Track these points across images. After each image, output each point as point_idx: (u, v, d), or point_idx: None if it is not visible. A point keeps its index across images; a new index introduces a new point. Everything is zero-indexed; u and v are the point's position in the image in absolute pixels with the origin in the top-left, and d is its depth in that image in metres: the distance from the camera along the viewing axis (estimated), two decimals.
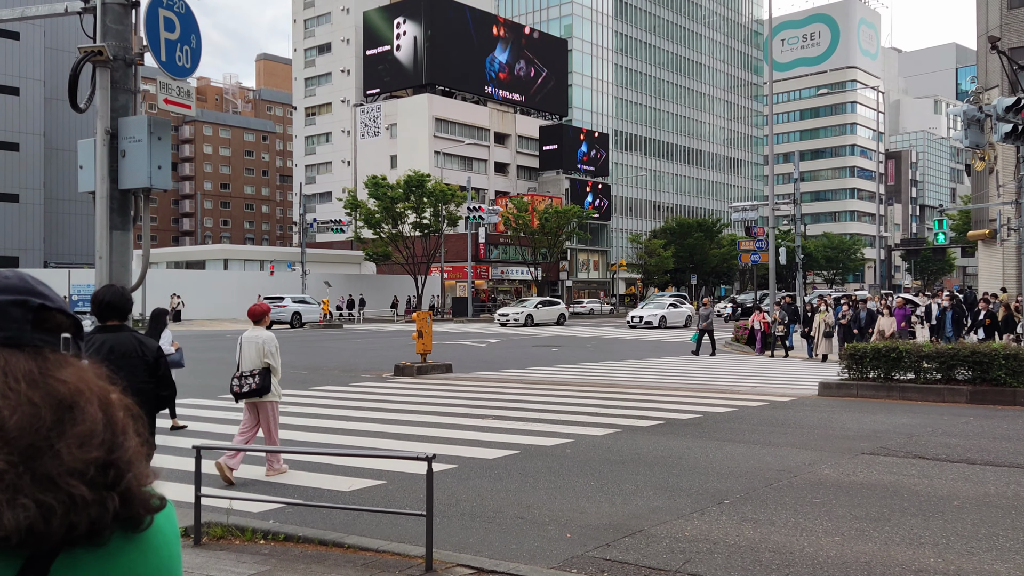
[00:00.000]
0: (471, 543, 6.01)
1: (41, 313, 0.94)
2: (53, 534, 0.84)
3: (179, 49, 5.99)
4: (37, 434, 0.86)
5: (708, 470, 8.39)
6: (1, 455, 0.84)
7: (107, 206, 5.92)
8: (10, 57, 67.05)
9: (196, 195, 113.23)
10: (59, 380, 0.91)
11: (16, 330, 0.92)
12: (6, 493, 0.83)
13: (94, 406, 0.92)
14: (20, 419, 0.86)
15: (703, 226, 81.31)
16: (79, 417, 0.90)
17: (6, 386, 0.87)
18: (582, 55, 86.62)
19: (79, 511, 0.86)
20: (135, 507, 0.92)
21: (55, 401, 0.89)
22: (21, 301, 0.93)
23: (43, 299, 0.95)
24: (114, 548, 0.91)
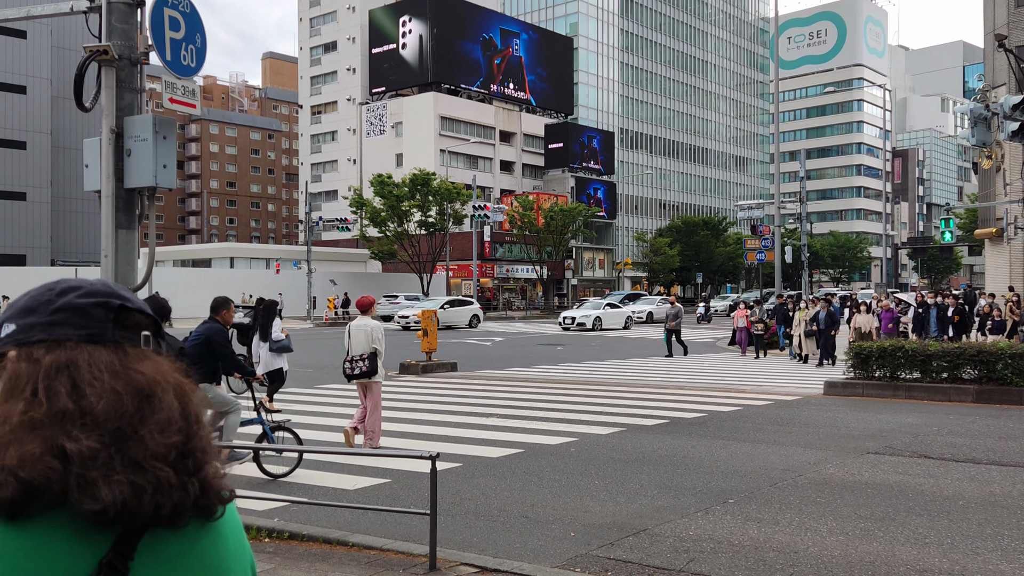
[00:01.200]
0: (475, 542, 6.02)
1: (121, 313, 1.02)
2: (144, 512, 0.91)
3: (184, 48, 6.00)
4: (122, 419, 0.94)
5: (712, 469, 8.38)
6: (93, 436, 0.91)
7: (113, 205, 5.94)
8: (17, 56, 67.28)
9: (202, 193, 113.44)
10: (138, 372, 0.99)
11: (99, 328, 1.00)
12: (101, 470, 0.90)
13: (170, 396, 0.99)
14: (106, 405, 0.94)
15: (709, 224, 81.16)
16: (157, 405, 0.97)
17: (91, 376, 0.95)
18: (588, 53, 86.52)
19: (165, 493, 0.92)
20: (211, 497, 0.98)
21: (135, 390, 0.97)
22: (103, 303, 1.01)
23: (123, 300, 1.03)
24: (191, 533, 0.97)
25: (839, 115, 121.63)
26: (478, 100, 75.19)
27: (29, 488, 0.89)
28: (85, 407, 0.94)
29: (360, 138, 76.21)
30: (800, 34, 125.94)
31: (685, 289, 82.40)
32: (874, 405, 13.02)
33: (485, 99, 75.78)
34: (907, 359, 14.00)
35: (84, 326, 1.00)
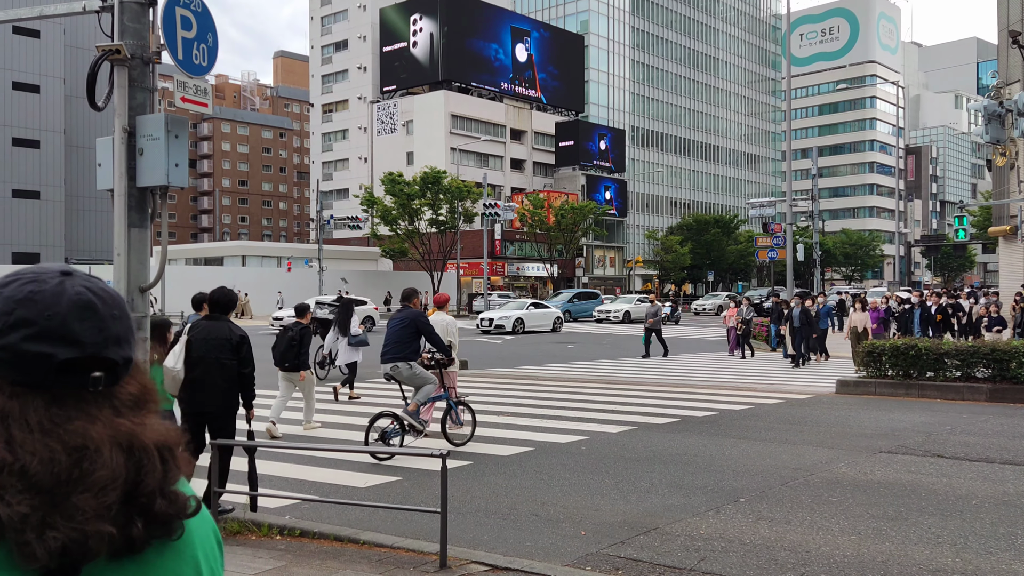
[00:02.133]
0: (485, 540, 6.02)
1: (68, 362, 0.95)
2: (85, 559, 0.90)
3: (196, 47, 6.02)
4: (56, 482, 0.90)
5: (724, 468, 8.36)
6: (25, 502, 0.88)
7: (125, 204, 5.97)
8: (30, 55, 67.69)
9: (214, 192, 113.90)
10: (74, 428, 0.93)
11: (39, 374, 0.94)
12: (35, 532, 0.87)
13: (112, 449, 0.94)
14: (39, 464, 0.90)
15: (720, 222, 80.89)
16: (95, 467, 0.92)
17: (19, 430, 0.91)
18: (599, 51, 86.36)
19: (105, 542, 0.90)
20: (168, 523, 0.96)
21: (71, 448, 0.92)
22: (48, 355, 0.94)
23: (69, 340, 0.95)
24: (150, 554, 0.96)
25: (852, 112, 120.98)
26: (489, 98, 75.17)
27: None
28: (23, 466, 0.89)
29: (371, 136, 76.34)
30: (812, 31, 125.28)
31: (697, 287, 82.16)
32: (886, 404, 12.96)
33: (496, 97, 75.75)
34: (920, 358, 13.92)
35: (22, 372, 0.94)
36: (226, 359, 6.37)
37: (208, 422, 6.43)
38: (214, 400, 6.38)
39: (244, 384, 6.47)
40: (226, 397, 6.43)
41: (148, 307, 6.22)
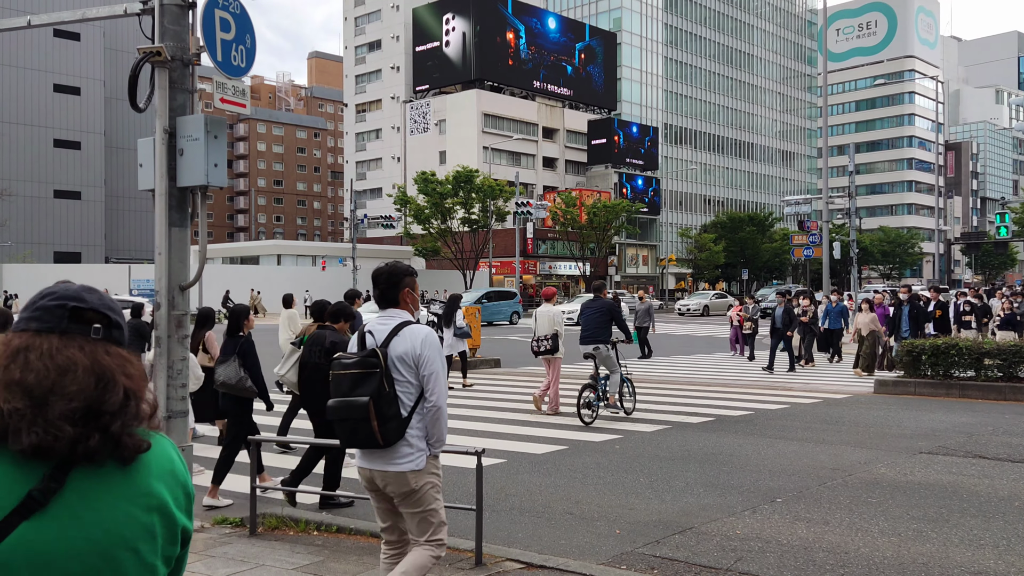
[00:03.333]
0: (520, 538, 6.03)
1: (75, 312, 1.39)
2: (54, 453, 1.29)
3: (234, 49, 6.10)
4: (42, 389, 1.32)
5: (760, 468, 8.28)
6: (21, 400, 1.30)
7: (166, 203, 6.07)
8: (71, 58, 69.00)
9: (250, 192, 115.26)
10: (66, 355, 1.35)
11: (55, 323, 1.38)
12: (24, 423, 1.29)
13: (85, 372, 1.34)
14: (35, 378, 1.33)
15: (755, 220, 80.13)
16: (71, 380, 1.33)
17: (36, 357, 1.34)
18: (631, 48, 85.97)
19: (67, 441, 1.29)
20: (121, 447, 1.34)
21: (58, 367, 1.34)
22: (61, 305, 1.40)
23: (78, 303, 1.40)
24: (110, 470, 1.35)
25: (889, 108, 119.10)
26: (521, 97, 75.18)
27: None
28: (23, 379, 1.32)
29: (404, 136, 76.74)
30: (849, 26, 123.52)
31: (731, 285, 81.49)
32: (927, 404, 12.75)
33: (528, 95, 75.74)
34: (960, 357, 13.68)
35: (46, 320, 1.39)
36: (323, 363, 6.64)
37: (322, 420, 6.78)
38: (318, 400, 6.67)
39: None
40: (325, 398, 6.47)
41: (189, 305, 6.31)
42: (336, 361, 3.83)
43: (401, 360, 3.68)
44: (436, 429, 3.74)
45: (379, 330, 3.80)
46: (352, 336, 4.71)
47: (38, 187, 67.43)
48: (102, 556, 1.33)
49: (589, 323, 11.27)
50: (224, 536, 5.80)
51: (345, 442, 3.78)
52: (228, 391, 7.11)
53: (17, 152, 65.79)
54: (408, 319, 3.83)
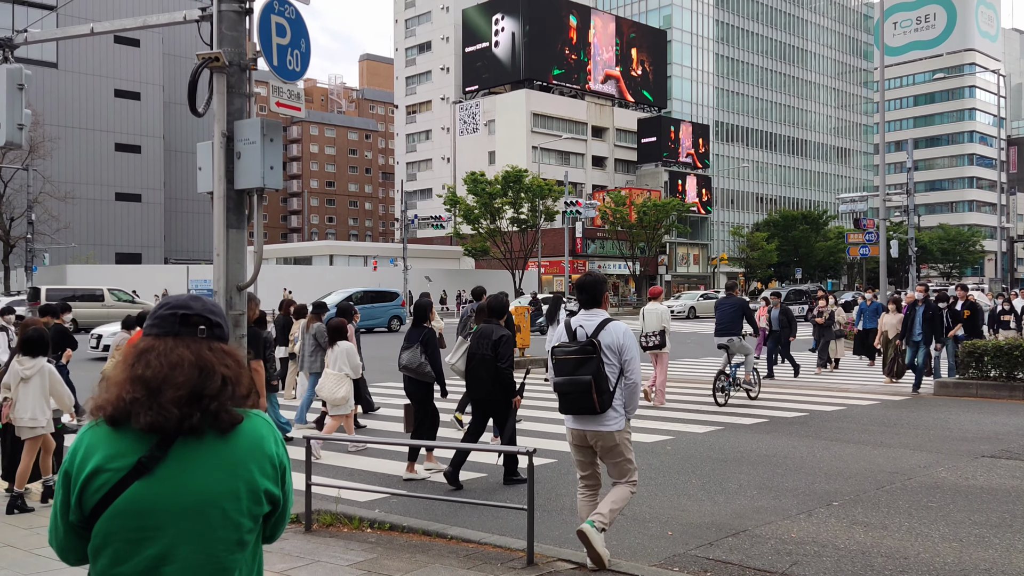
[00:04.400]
0: (571, 538, 6.02)
1: (184, 318, 1.80)
2: (164, 429, 1.72)
3: (290, 53, 6.21)
4: (156, 380, 1.72)
5: (815, 470, 8.15)
6: (140, 391, 1.72)
7: (224, 206, 6.20)
8: (132, 64, 70.79)
9: (303, 193, 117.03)
10: (176, 353, 1.76)
11: (169, 328, 1.80)
12: (142, 408, 1.71)
13: (191, 366, 1.74)
14: (153, 373, 1.73)
15: (808, 218, 78.77)
16: (179, 372, 1.73)
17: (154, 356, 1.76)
18: (682, 45, 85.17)
19: (174, 421, 1.71)
20: (218, 420, 1.74)
21: (170, 363, 1.74)
22: (172, 314, 1.81)
23: (186, 310, 1.81)
24: (208, 442, 1.75)
25: (949, 103, 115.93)
26: (570, 96, 75.01)
27: (113, 416, 1.74)
28: (144, 374, 1.73)
29: (454, 137, 77.15)
30: (907, 19, 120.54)
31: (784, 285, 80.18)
32: (989, 406, 12.39)
33: (577, 95, 75.54)
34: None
35: (163, 327, 1.80)
36: (488, 354, 7.42)
37: (483, 408, 7.67)
38: (482, 389, 7.55)
39: (501, 376, 7.45)
40: (491, 387, 7.52)
41: (245, 305, 6.44)
42: (558, 348, 4.96)
43: (608, 348, 4.86)
44: (632, 400, 5.00)
45: (587, 324, 4.95)
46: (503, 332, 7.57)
47: (100, 190, 69.34)
48: (193, 511, 1.72)
49: (724, 317, 12.72)
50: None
51: (567, 409, 4.93)
52: (409, 374, 8.05)
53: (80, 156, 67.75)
54: (608, 317, 4.99)
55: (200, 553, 1.71)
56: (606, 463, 5.09)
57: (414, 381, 8.07)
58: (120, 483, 1.69)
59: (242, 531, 1.75)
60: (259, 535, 1.82)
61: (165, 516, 1.70)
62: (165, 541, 1.70)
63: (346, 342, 9.41)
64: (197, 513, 1.71)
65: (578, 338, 4.94)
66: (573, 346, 4.90)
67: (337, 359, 9.20)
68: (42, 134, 51.08)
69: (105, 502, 1.70)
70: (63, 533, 1.78)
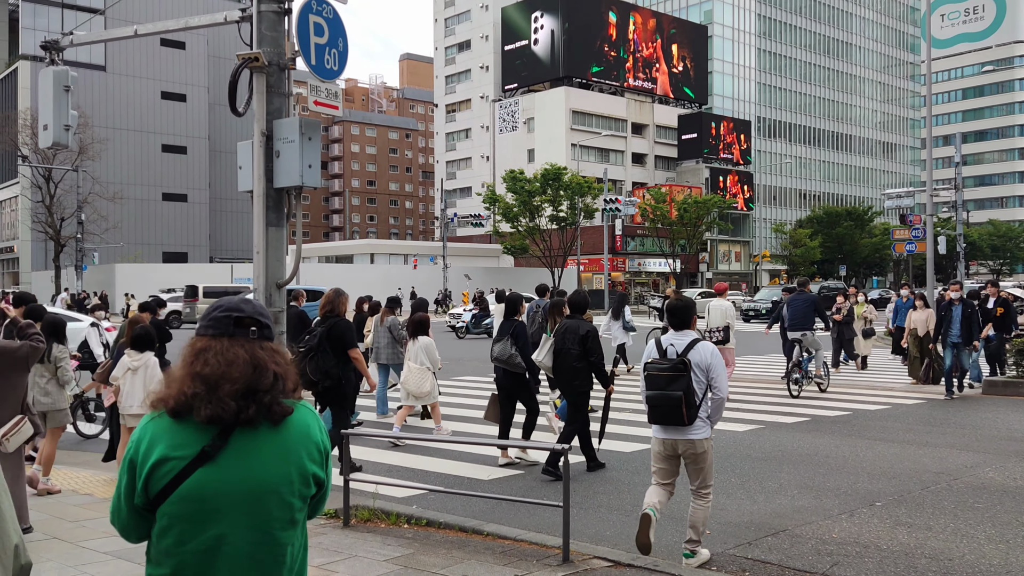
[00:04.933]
0: (608, 536, 6.01)
1: (238, 320, 1.98)
2: (222, 421, 1.91)
3: (328, 52, 6.27)
4: (215, 377, 1.91)
5: (857, 470, 8.01)
6: (201, 386, 1.91)
7: (264, 204, 6.29)
8: (177, 66, 72.11)
9: (344, 192, 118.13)
10: (232, 352, 1.94)
11: (224, 329, 1.98)
12: (203, 402, 1.90)
13: (243, 364, 1.93)
14: (211, 370, 1.92)
15: (853, 214, 77.43)
16: (235, 369, 1.92)
17: (212, 355, 1.94)
18: (723, 41, 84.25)
19: (232, 413, 1.90)
20: (271, 413, 1.93)
21: (227, 361, 1.93)
22: (226, 316, 1.99)
23: (239, 313, 1.98)
24: (263, 432, 1.94)
25: (998, 96, 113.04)
26: (609, 93, 74.66)
27: (176, 409, 1.92)
28: (203, 371, 1.92)
29: (493, 135, 77.26)
30: (955, 11, 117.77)
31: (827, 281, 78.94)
32: None
33: (617, 92, 75.15)
34: None
35: (218, 328, 1.99)
36: (575, 349, 7.73)
37: (574, 400, 7.92)
38: (570, 382, 7.83)
39: (594, 369, 7.77)
40: (575, 380, 7.82)
41: (285, 302, 6.53)
42: (651, 364, 5.38)
43: (697, 365, 5.27)
44: (717, 413, 5.38)
45: (678, 343, 5.39)
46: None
47: (147, 190, 70.75)
48: (252, 494, 1.91)
49: (796, 313, 13.31)
50: (319, 527, 5.97)
51: (658, 420, 5.35)
52: (501, 365, 8.42)
53: (128, 157, 69.18)
54: (697, 337, 5.43)
55: (258, 531, 1.91)
56: (690, 469, 5.42)
57: (506, 372, 8.45)
58: (185, 470, 1.88)
59: (294, 511, 1.96)
60: (306, 514, 2.04)
61: (227, 499, 1.89)
62: (227, 522, 1.90)
63: (426, 337, 9.89)
64: (256, 496, 1.91)
65: (668, 356, 5.37)
66: (665, 363, 5.31)
67: (418, 353, 9.70)
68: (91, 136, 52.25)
69: (171, 487, 1.89)
70: (126, 515, 1.97)
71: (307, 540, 2.06)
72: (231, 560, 1.90)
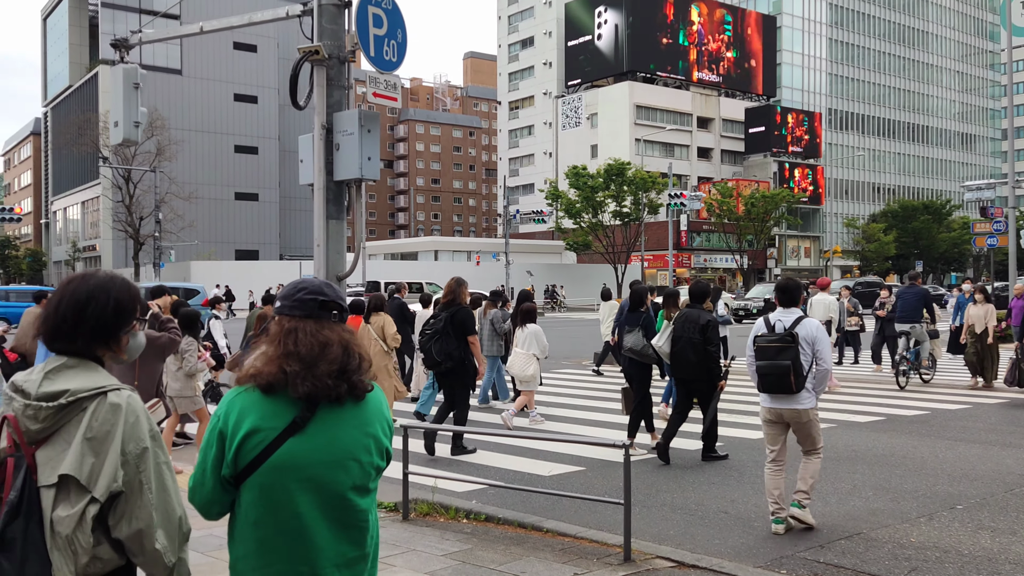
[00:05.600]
0: (671, 535, 5.84)
1: (323, 303, 2.08)
2: (317, 397, 2.01)
3: (386, 44, 6.24)
4: (312, 356, 2.02)
5: (937, 472, 7.65)
6: (297, 364, 2.01)
7: (324, 197, 6.29)
8: (249, 69, 73.82)
9: (409, 191, 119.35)
10: (323, 334, 2.05)
11: (310, 311, 2.07)
12: (300, 379, 1.99)
13: (336, 345, 2.05)
14: (306, 350, 2.02)
15: (930, 208, 74.83)
16: (328, 351, 2.03)
17: (303, 335, 2.03)
18: (792, 31, 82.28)
19: (326, 389, 2.01)
20: (357, 390, 2.06)
21: (319, 343, 2.03)
22: (313, 299, 2.08)
23: (324, 296, 2.09)
24: (349, 404, 2.07)
25: None
26: (674, 87, 73.68)
27: (270, 384, 2.01)
28: (298, 350, 2.01)
29: (556, 131, 77.03)
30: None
31: (902, 279, 76.52)
32: None
33: (681, 85, 74.13)
34: None
35: (304, 310, 2.07)
36: (695, 338, 7.86)
37: (688, 388, 8.09)
38: (688, 370, 7.96)
39: (709, 358, 7.86)
40: (696, 368, 7.91)
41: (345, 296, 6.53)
42: (761, 337, 5.86)
43: (804, 339, 5.75)
44: (821, 384, 5.86)
45: (785, 319, 5.88)
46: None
47: (220, 190, 72.63)
48: (338, 463, 2.03)
49: (907, 306, 13.61)
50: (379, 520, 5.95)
51: (767, 388, 5.80)
52: (633, 356, 8.54)
53: (202, 158, 71.13)
54: (802, 314, 5.91)
55: (342, 498, 2.02)
56: (798, 435, 5.95)
57: (636, 363, 8.59)
58: (276, 440, 1.98)
59: (369, 479, 2.08)
60: (377, 484, 2.14)
61: (316, 468, 2.00)
62: (315, 488, 2.00)
63: (535, 324, 10.35)
64: (340, 464, 2.03)
65: (776, 330, 5.84)
66: (774, 336, 5.80)
67: (526, 340, 10.14)
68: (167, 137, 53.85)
69: (262, 457, 1.98)
70: (210, 487, 2.04)
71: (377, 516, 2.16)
72: (318, 526, 2.00)
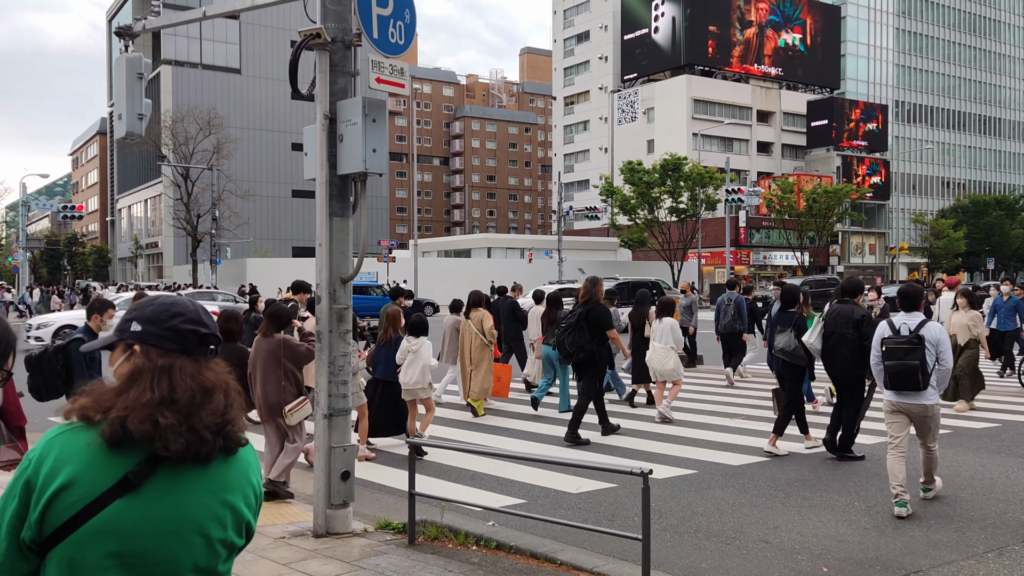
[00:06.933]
0: (703, 568, 5.23)
1: (202, 337, 1.65)
2: (189, 457, 1.54)
3: (392, 25, 5.75)
4: (191, 406, 1.57)
5: (1009, 496, 6.86)
6: (174, 416, 1.54)
7: (327, 192, 5.84)
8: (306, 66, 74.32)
9: (464, 187, 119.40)
10: (204, 376, 1.61)
11: (188, 345, 1.63)
12: (174, 434, 1.52)
13: (219, 392, 1.61)
14: (185, 396, 1.57)
15: (1003, 204, 71.78)
16: (211, 398, 1.59)
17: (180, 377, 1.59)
18: (858, 21, 79.73)
19: (203, 446, 1.55)
20: (231, 443, 1.60)
21: (202, 388, 1.59)
22: (193, 331, 1.65)
23: (206, 329, 1.67)
24: (217, 462, 1.59)
25: None
26: (733, 80, 72.04)
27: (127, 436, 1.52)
28: (174, 396, 1.56)
29: (611, 126, 76.02)
30: None
31: (973, 276, 73.59)
32: None
33: (741, 78, 72.43)
34: None
35: (179, 342, 1.63)
36: (849, 333, 7.75)
37: (841, 385, 8.05)
38: (841, 366, 7.91)
39: (864, 353, 7.48)
40: (850, 364, 7.85)
41: (350, 299, 6.05)
42: (889, 339, 6.30)
43: (929, 341, 6.22)
44: (943, 381, 6.35)
45: (910, 322, 6.35)
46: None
47: (278, 187, 73.51)
48: (177, 535, 1.54)
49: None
50: (383, 544, 5.46)
51: (895, 386, 6.27)
52: (784, 357, 8.48)
53: (260, 156, 72.09)
54: (925, 318, 6.40)
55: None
56: (919, 429, 6.42)
57: (788, 364, 8.48)
58: (98, 500, 1.49)
59: (219, 560, 1.61)
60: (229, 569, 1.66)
61: (145, 540, 1.52)
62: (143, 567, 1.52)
63: (670, 318, 10.46)
64: (179, 537, 1.55)
65: (901, 333, 6.30)
66: (901, 339, 6.24)
67: (664, 332, 10.32)
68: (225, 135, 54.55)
69: (77, 521, 1.49)
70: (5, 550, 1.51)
71: None
72: None
